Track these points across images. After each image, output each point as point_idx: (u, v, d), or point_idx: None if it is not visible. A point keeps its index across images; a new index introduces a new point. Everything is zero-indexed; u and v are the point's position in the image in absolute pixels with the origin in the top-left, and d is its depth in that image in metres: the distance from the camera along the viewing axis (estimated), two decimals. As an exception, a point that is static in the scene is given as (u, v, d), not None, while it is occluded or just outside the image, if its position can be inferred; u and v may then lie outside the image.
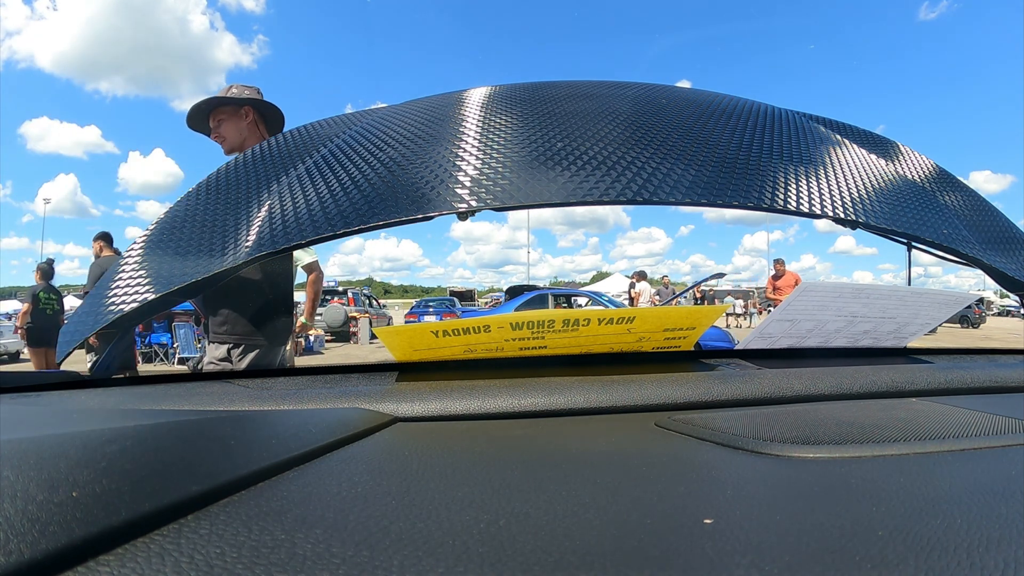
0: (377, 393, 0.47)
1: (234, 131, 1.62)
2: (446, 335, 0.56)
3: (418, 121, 0.68)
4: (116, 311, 0.53)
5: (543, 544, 0.21)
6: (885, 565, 0.19)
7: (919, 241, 0.63)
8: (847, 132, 0.83)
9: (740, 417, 0.43)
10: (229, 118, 1.63)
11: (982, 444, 0.35)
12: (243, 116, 1.63)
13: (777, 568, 0.19)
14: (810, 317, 0.65)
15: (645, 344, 0.63)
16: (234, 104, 1.62)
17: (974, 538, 0.21)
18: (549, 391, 0.47)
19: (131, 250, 0.61)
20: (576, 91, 0.75)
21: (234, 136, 1.63)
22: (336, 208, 0.53)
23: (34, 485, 0.20)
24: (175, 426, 0.31)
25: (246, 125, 1.63)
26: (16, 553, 0.17)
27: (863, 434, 0.37)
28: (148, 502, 0.22)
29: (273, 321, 1.56)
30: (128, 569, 0.18)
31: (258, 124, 1.66)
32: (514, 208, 0.52)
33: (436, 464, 0.32)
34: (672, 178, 0.55)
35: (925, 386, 0.54)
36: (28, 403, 0.48)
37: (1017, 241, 0.71)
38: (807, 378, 0.52)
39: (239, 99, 1.62)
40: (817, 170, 0.64)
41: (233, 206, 0.61)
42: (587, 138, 0.60)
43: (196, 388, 0.53)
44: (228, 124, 1.63)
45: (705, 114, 0.70)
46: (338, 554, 0.20)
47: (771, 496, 0.27)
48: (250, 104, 1.63)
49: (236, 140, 1.63)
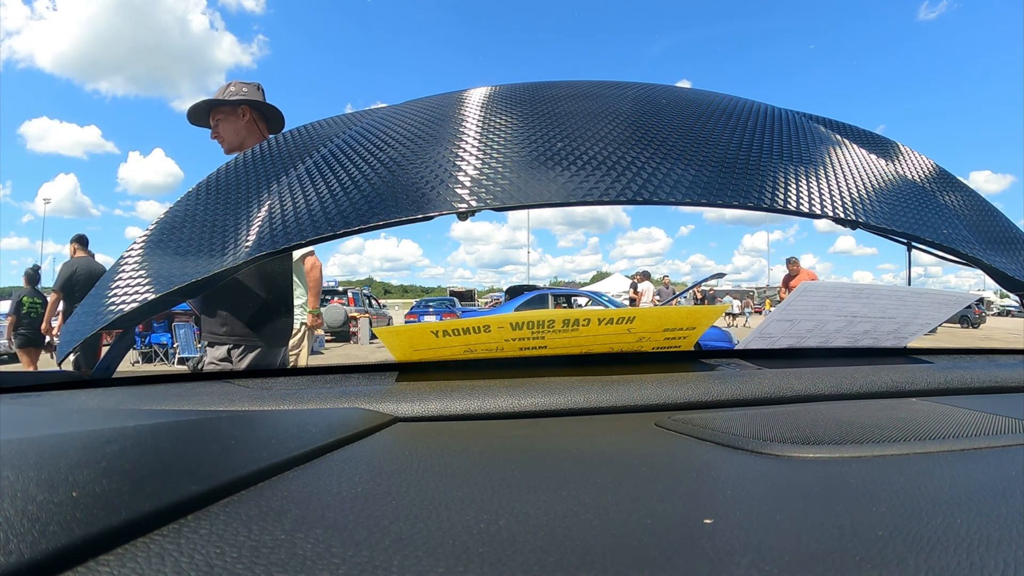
0: (377, 393, 0.47)
1: (232, 131, 1.62)
2: (446, 335, 0.56)
3: (418, 121, 0.68)
4: (116, 311, 0.53)
5: (543, 544, 0.21)
6: (885, 565, 0.19)
7: (919, 241, 0.62)
8: (847, 132, 0.83)
9: (740, 417, 0.43)
10: (226, 118, 1.62)
11: (982, 444, 0.35)
12: (240, 116, 1.62)
13: (777, 568, 0.19)
14: (810, 317, 0.65)
15: (645, 344, 0.63)
16: (230, 104, 1.61)
17: (974, 538, 0.21)
18: (549, 391, 0.47)
19: (131, 250, 0.61)
20: (576, 91, 0.75)
21: (232, 136, 1.62)
22: (336, 208, 0.53)
23: (34, 485, 0.20)
24: (175, 426, 0.31)
25: (244, 125, 1.62)
26: (16, 553, 0.17)
27: (863, 434, 0.37)
28: (148, 502, 0.21)
29: (273, 321, 1.55)
30: (128, 569, 0.18)
31: (257, 123, 1.65)
32: (514, 208, 0.52)
33: (436, 464, 0.32)
34: (672, 178, 0.55)
35: (925, 386, 0.54)
36: (28, 403, 0.48)
37: (1017, 241, 0.71)
38: (807, 378, 0.52)
39: (233, 101, 1.61)
40: (817, 170, 0.64)
41: (233, 206, 0.61)
42: (587, 138, 0.60)
43: (196, 388, 0.53)
44: (225, 124, 1.62)
45: (705, 114, 0.70)
46: (338, 554, 0.20)
47: (771, 496, 0.27)
48: (247, 104, 1.62)
49: (235, 140, 1.62)
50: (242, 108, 1.61)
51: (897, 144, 0.84)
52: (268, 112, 1.67)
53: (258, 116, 1.65)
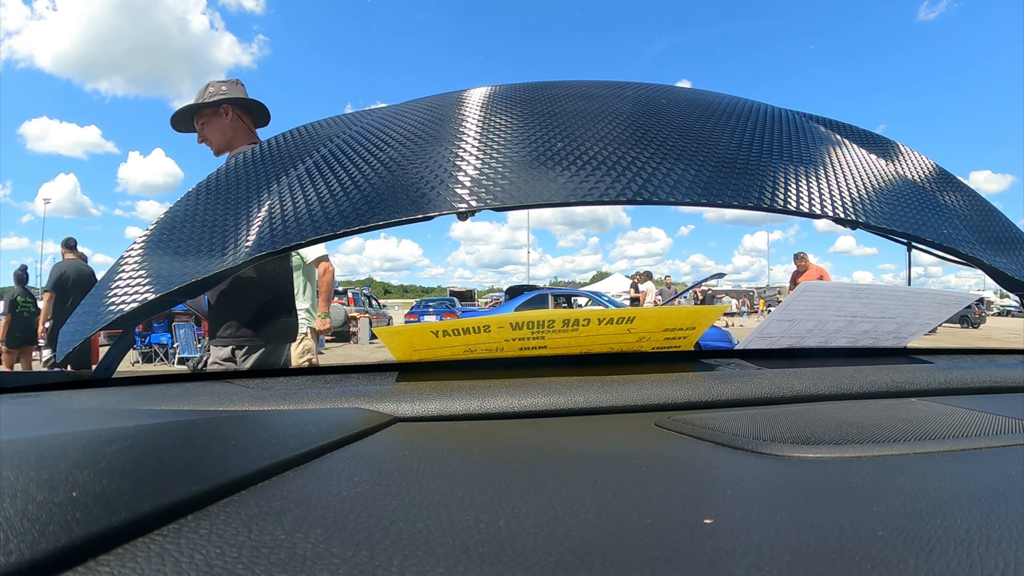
0: (377, 393, 0.47)
1: (217, 132, 1.60)
2: (446, 335, 0.56)
3: (418, 121, 0.68)
4: (116, 311, 0.53)
5: (543, 544, 0.21)
6: (885, 565, 0.19)
7: (919, 241, 0.62)
8: (847, 132, 0.83)
9: (740, 417, 0.43)
10: (210, 120, 1.60)
11: (982, 444, 0.35)
12: (223, 115, 1.59)
13: (777, 568, 0.19)
14: (810, 317, 0.65)
15: (645, 344, 0.63)
16: (212, 106, 1.58)
17: (974, 538, 0.21)
18: (549, 391, 0.47)
19: (131, 250, 0.61)
20: (576, 91, 0.75)
21: (219, 137, 1.60)
22: (336, 208, 0.53)
23: (34, 485, 0.20)
24: (175, 426, 0.31)
25: (228, 123, 1.60)
26: (16, 553, 0.17)
27: (863, 434, 0.37)
28: (148, 502, 0.21)
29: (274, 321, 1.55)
30: (128, 569, 0.18)
31: (242, 118, 1.63)
32: (514, 208, 0.52)
33: (436, 464, 0.32)
34: (672, 178, 0.55)
35: (925, 386, 0.54)
36: (28, 403, 0.48)
37: (1017, 241, 0.71)
38: (807, 378, 0.52)
39: (214, 102, 1.58)
40: (817, 170, 0.64)
41: (233, 206, 0.61)
42: (587, 138, 0.60)
43: (196, 388, 0.53)
44: (210, 126, 1.60)
45: (705, 114, 0.70)
46: (338, 554, 0.20)
47: (771, 496, 0.27)
48: (228, 102, 1.59)
49: (222, 140, 1.60)
50: (224, 107, 1.59)
51: (897, 144, 0.84)
52: (251, 107, 1.65)
53: (242, 112, 1.63)
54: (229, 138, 1.61)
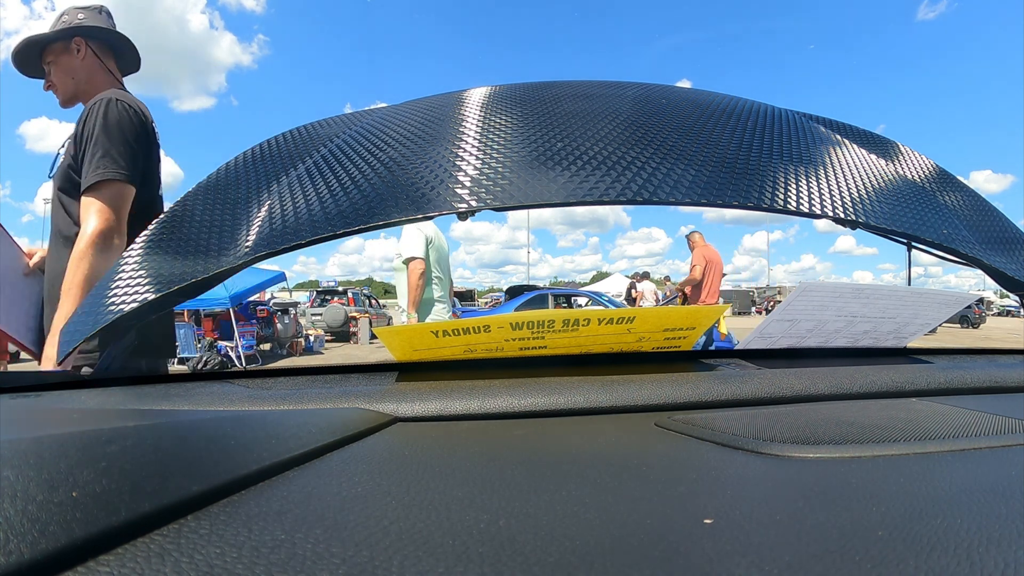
0: (377, 393, 0.47)
1: (63, 75, 1.21)
2: (446, 335, 0.56)
3: (418, 121, 0.68)
4: (116, 311, 0.53)
5: (543, 544, 0.21)
6: (885, 565, 0.19)
7: (919, 241, 0.62)
8: (847, 132, 0.82)
9: (740, 417, 0.43)
10: (58, 59, 1.20)
11: (982, 444, 0.35)
12: (73, 52, 1.20)
13: (777, 568, 0.19)
14: (810, 317, 0.65)
15: (645, 344, 0.63)
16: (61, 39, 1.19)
17: (974, 538, 0.21)
18: (549, 391, 0.47)
19: (131, 250, 0.61)
20: (576, 91, 0.75)
21: (65, 81, 1.21)
22: (336, 208, 0.53)
23: (34, 485, 0.20)
24: (175, 426, 0.31)
25: (80, 64, 1.20)
26: (16, 553, 0.17)
27: (863, 434, 0.37)
28: (148, 502, 0.21)
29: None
30: (128, 569, 0.18)
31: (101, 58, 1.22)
32: (514, 208, 0.52)
33: (436, 464, 0.32)
34: (672, 178, 0.55)
35: (925, 386, 0.54)
36: (28, 403, 0.48)
37: (1017, 241, 0.71)
38: (807, 378, 0.52)
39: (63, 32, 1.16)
40: (817, 170, 0.64)
41: (233, 206, 0.61)
42: (587, 138, 0.60)
43: (196, 388, 0.53)
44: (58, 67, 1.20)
45: (705, 114, 0.70)
46: (338, 554, 0.20)
47: (771, 496, 0.27)
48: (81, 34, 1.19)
49: (69, 86, 1.22)
50: (76, 41, 1.19)
51: (897, 144, 0.84)
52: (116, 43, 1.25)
53: (101, 50, 1.23)
54: (81, 83, 1.21)
